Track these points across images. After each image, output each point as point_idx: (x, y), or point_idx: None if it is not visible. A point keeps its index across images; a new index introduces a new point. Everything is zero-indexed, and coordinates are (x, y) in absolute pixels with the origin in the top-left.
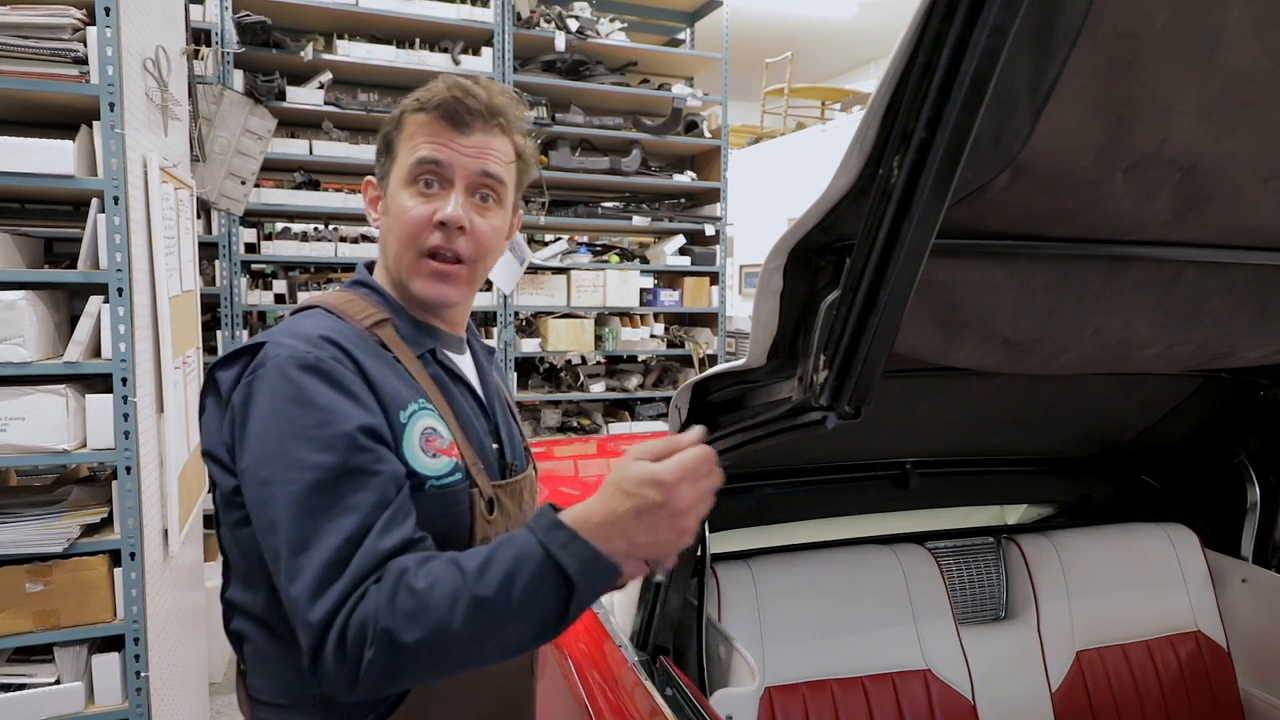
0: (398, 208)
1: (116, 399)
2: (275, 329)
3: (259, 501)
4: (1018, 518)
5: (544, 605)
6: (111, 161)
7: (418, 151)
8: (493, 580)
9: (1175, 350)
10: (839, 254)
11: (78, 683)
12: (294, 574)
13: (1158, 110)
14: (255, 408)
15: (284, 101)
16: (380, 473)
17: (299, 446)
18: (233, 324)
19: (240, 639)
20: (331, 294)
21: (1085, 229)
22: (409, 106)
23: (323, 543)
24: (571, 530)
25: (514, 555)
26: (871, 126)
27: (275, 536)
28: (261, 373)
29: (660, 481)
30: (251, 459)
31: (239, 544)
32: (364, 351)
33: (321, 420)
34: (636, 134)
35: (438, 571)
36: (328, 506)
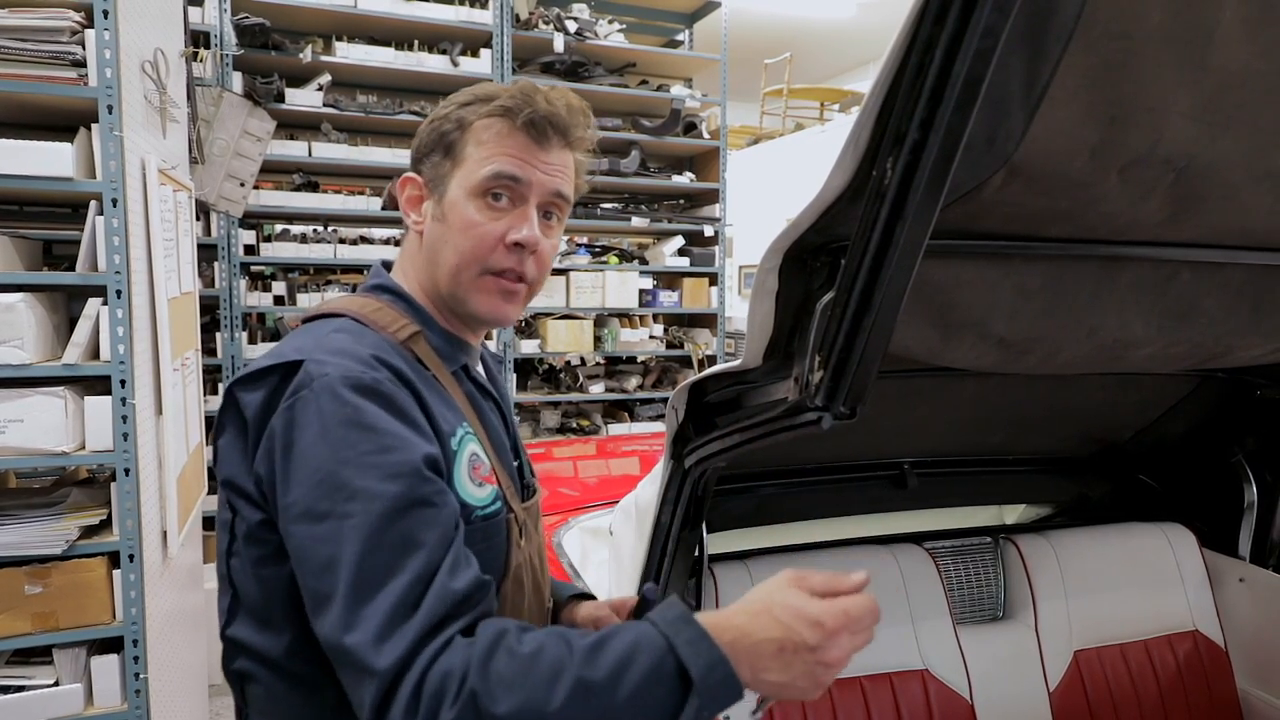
0: (463, 219)
1: (115, 401)
2: (307, 342)
3: (312, 538)
4: (1016, 518)
5: (654, 705)
6: (110, 164)
7: (494, 164)
8: (604, 664)
9: (1171, 350)
10: (834, 255)
11: (77, 684)
12: (355, 619)
13: (1151, 111)
14: (303, 433)
15: (283, 103)
16: (445, 506)
17: (362, 475)
18: (232, 326)
19: (244, 679)
20: (354, 299)
21: (1080, 229)
22: (486, 111)
23: (393, 582)
24: (702, 628)
25: (632, 641)
26: (865, 127)
27: (331, 577)
28: (305, 394)
29: (821, 624)
30: (301, 491)
31: (261, 582)
32: (415, 375)
33: (385, 446)
34: (635, 135)
35: (542, 640)
36: (397, 543)
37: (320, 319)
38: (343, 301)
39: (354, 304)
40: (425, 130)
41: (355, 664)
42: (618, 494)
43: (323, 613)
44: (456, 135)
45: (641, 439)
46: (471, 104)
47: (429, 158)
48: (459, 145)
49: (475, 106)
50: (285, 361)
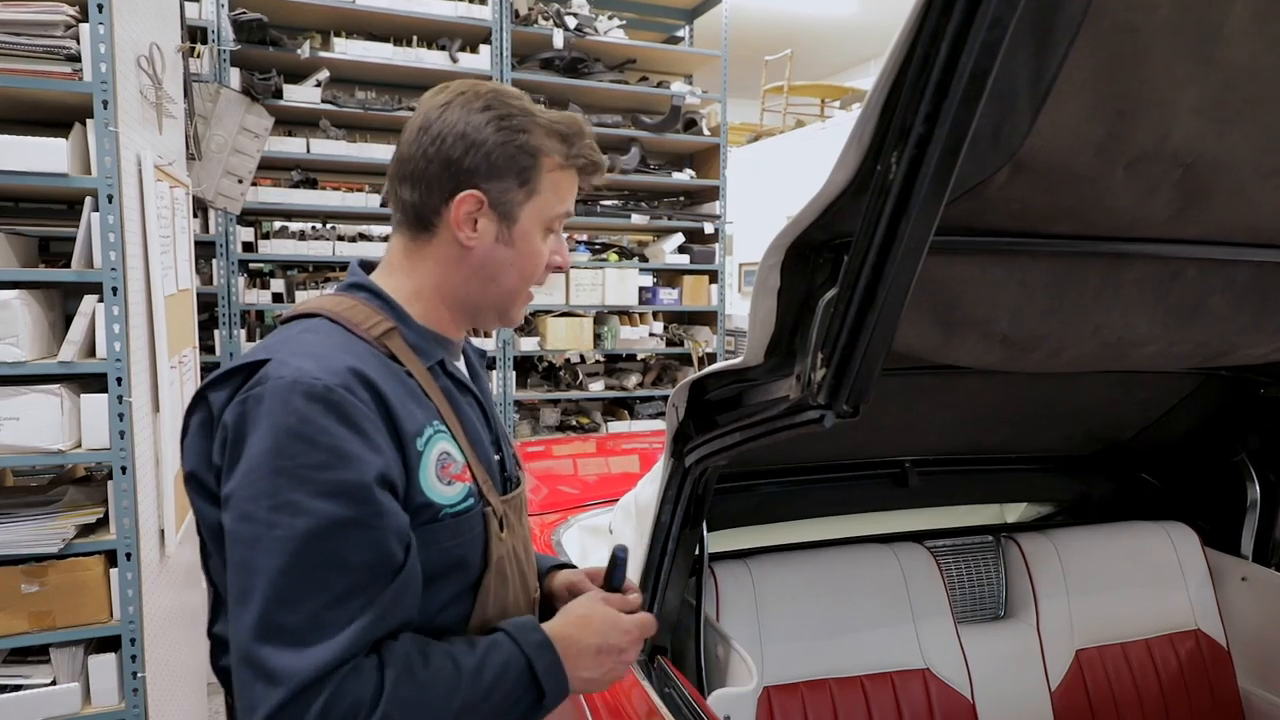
0: (533, 249)
1: (111, 399)
2: (276, 342)
3: (237, 536)
4: (1017, 516)
5: (519, 711)
6: (105, 160)
7: (565, 205)
8: (484, 684)
9: (1176, 348)
10: (837, 251)
11: (74, 683)
12: (268, 628)
13: (1159, 106)
14: (251, 432)
15: (281, 100)
16: (383, 529)
17: (294, 488)
18: (230, 323)
19: (229, 674)
20: (328, 298)
21: (1085, 226)
22: (567, 155)
23: (310, 600)
24: (555, 654)
25: (503, 663)
26: (869, 122)
27: (248, 579)
28: (259, 393)
29: (629, 632)
30: (238, 488)
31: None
32: (384, 375)
33: (323, 462)
34: (635, 132)
35: (437, 663)
36: (320, 562)
37: (296, 319)
38: (318, 301)
39: (328, 303)
40: (483, 146)
41: (258, 670)
42: (617, 492)
43: (238, 610)
44: (532, 168)
45: (641, 437)
46: (542, 138)
47: (498, 180)
48: (535, 178)
49: (551, 143)
50: (251, 361)
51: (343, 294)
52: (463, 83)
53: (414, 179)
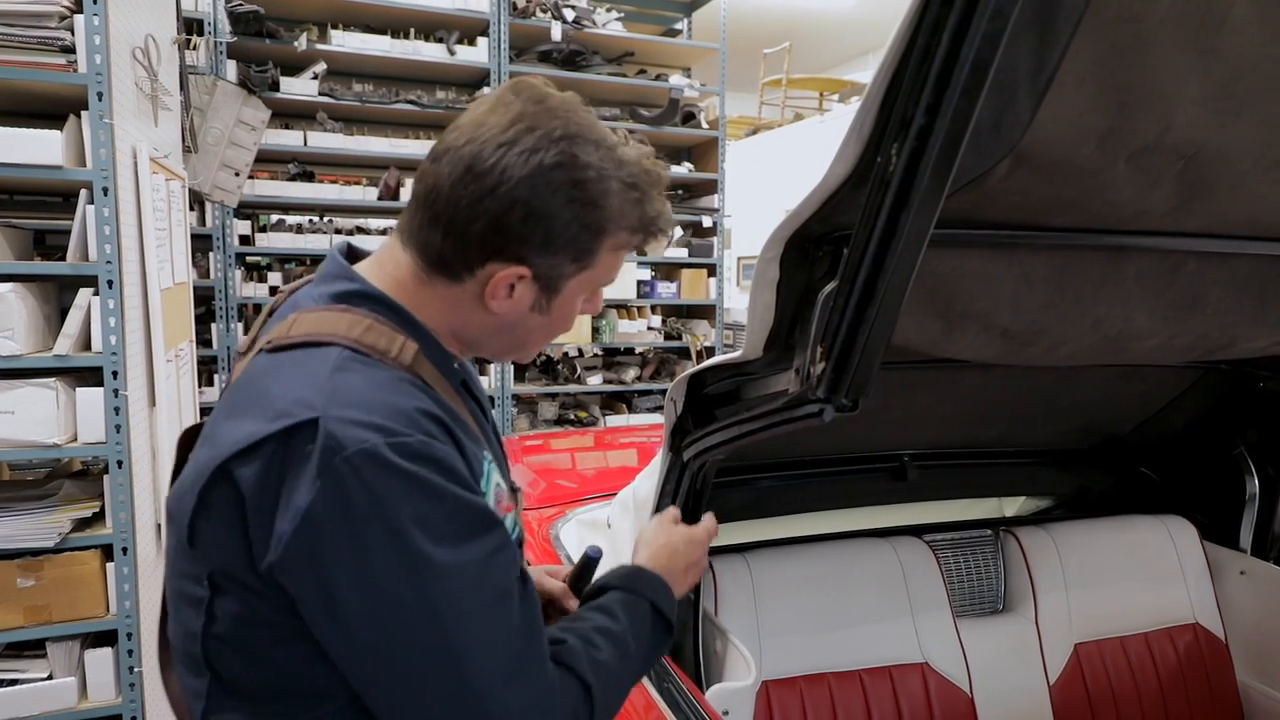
0: (568, 313)
1: (107, 392)
2: (298, 390)
3: (395, 626)
4: (1016, 510)
5: (658, 651)
6: (100, 152)
7: (615, 273)
8: (632, 641)
9: (1176, 341)
10: (836, 244)
11: (70, 678)
12: (484, 675)
13: (1161, 97)
14: (350, 515)
15: (278, 92)
16: (509, 535)
17: (442, 545)
18: (227, 317)
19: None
20: (333, 318)
21: (1086, 219)
22: (634, 229)
23: (508, 634)
24: (669, 587)
25: (639, 617)
26: (870, 113)
27: (439, 656)
28: (340, 466)
29: (703, 543)
30: (362, 581)
31: (266, 666)
32: (448, 414)
33: (453, 510)
34: (633, 125)
35: (601, 645)
36: (497, 599)
37: (296, 349)
38: (320, 322)
39: (338, 325)
40: (559, 224)
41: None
42: (616, 486)
43: (428, 690)
44: (594, 249)
45: (640, 430)
46: (619, 204)
47: (551, 256)
48: (594, 256)
49: (623, 216)
50: (291, 424)
51: (345, 308)
52: (529, 100)
53: (449, 226)
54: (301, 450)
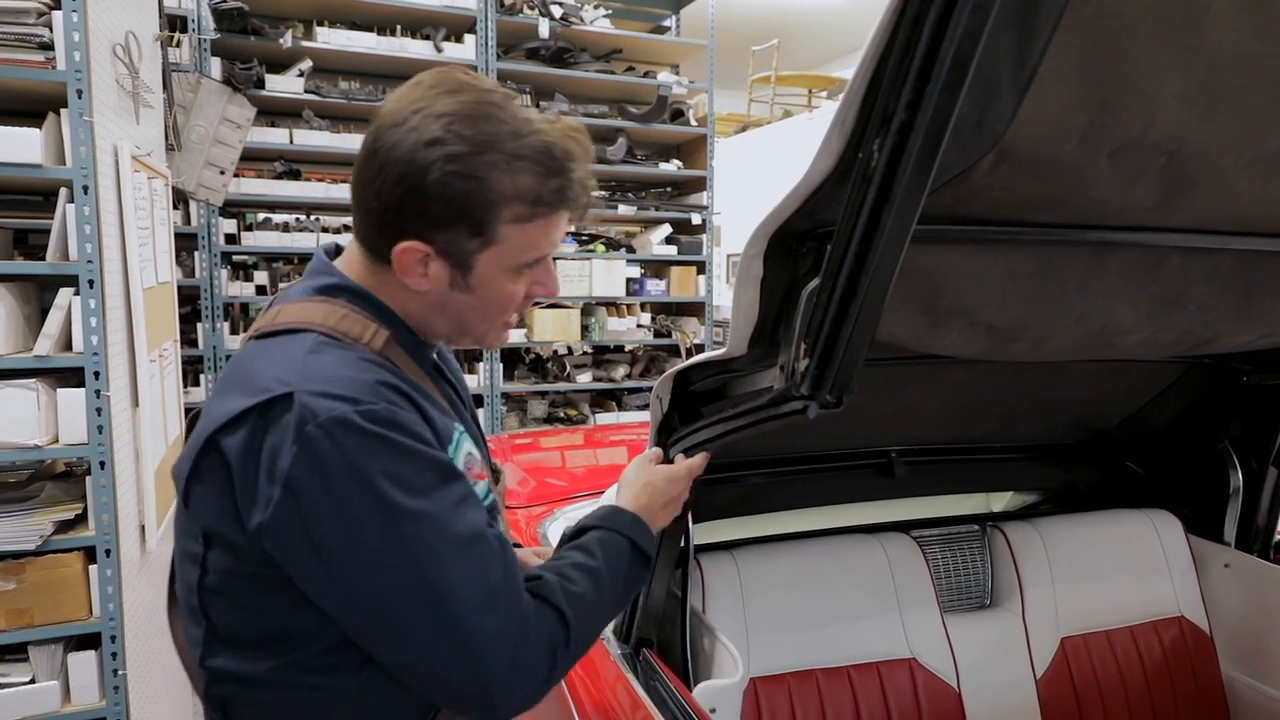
0: (496, 293)
1: (89, 393)
2: (274, 368)
3: (372, 569)
4: (1003, 505)
5: (635, 585)
6: (80, 150)
7: (537, 250)
8: (609, 576)
9: (1159, 336)
10: (820, 240)
11: (53, 682)
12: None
13: (1142, 93)
14: (330, 475)
15: (263, 90)
16: (475, 494)
17: (415, 496)
18: (213, 316)
19: (227, 702)
20: (311, 307)
21: (1069, 215)
22: (537, 198)
23: (482, 571)
24: (645, 524)
25: (616, 553)
26: (851, 108)
27: (409, 596)
28: (313, 433)
29: (683, 479)
30: (345, 533)
31: (255, 613)
32: (412, 388)
33: (422, 465)
34: (622, 122)
35: (578, 579)
36: (470, 540)
37: (278, 336)
38: (301, 312)
39: (315, 314)
40: (423, 195)
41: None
42: (605, 484)
43: (413, 628)
44: (487, 220)
45: (629, 428)
46: (500, 181)
47: (443, 230)
48: (491, 228)
49: (509, 189)
50: (268, 397)
51: (324, 299)
52: (432, 85)
53: (360, 210)
54: (279, 421)
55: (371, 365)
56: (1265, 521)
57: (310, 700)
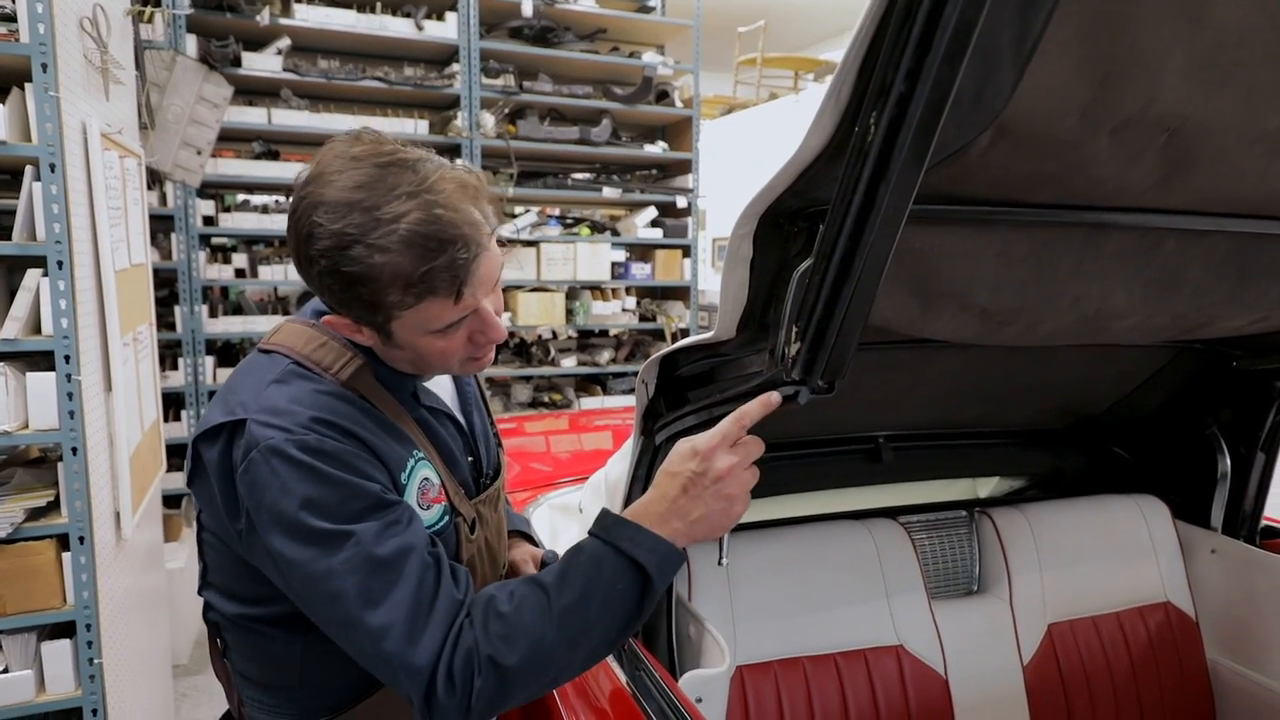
0: (426, 349)
1: (59, 377)
2: (243, 392)
3: (307, 582)
4: (989, 491)
5: (624, 600)
6: (46, 126)
7: (443, 320)
8: (574, 587)
9: (1153, 320)
10: (812, 220)
11: (27, 671)
12: (380, 633)
13: (1145, 68)
14: (265, 494)
15: (240, 68)
16: (413, 520)
17: (335, 521)
18: (191, 299)
19: (218, 627)
20: (296, 331)
21: (1067, 194)
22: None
23: (399, 593)
24: (634, 524)
25: (586, 560)
26: (847, 80)
27: (339, 607)
28: (255, 458)
29: (696, 451)
30: (282, 546)
31: (236, 573)
32: (355, 419)
33: (345, 495)
34: (606, 103)
35: (521, 593)
36: (389, 563)
37: (270, 354)
38: (288, 335)
39: (298, 340)
40: (320, 272)
41: (395, 667)
42: (590, 469)
43: (349, 635)
44: (374, 299)
45: (614, 413)
46: (374, 270)
47: (346, 309)
48: (383, 307)
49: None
50: (231, 420)
51: (312, 325)
52: (335, 156)
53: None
54: (239, 442)
55: (322, 397)
56: (1252, 507)
57: (273, 647)
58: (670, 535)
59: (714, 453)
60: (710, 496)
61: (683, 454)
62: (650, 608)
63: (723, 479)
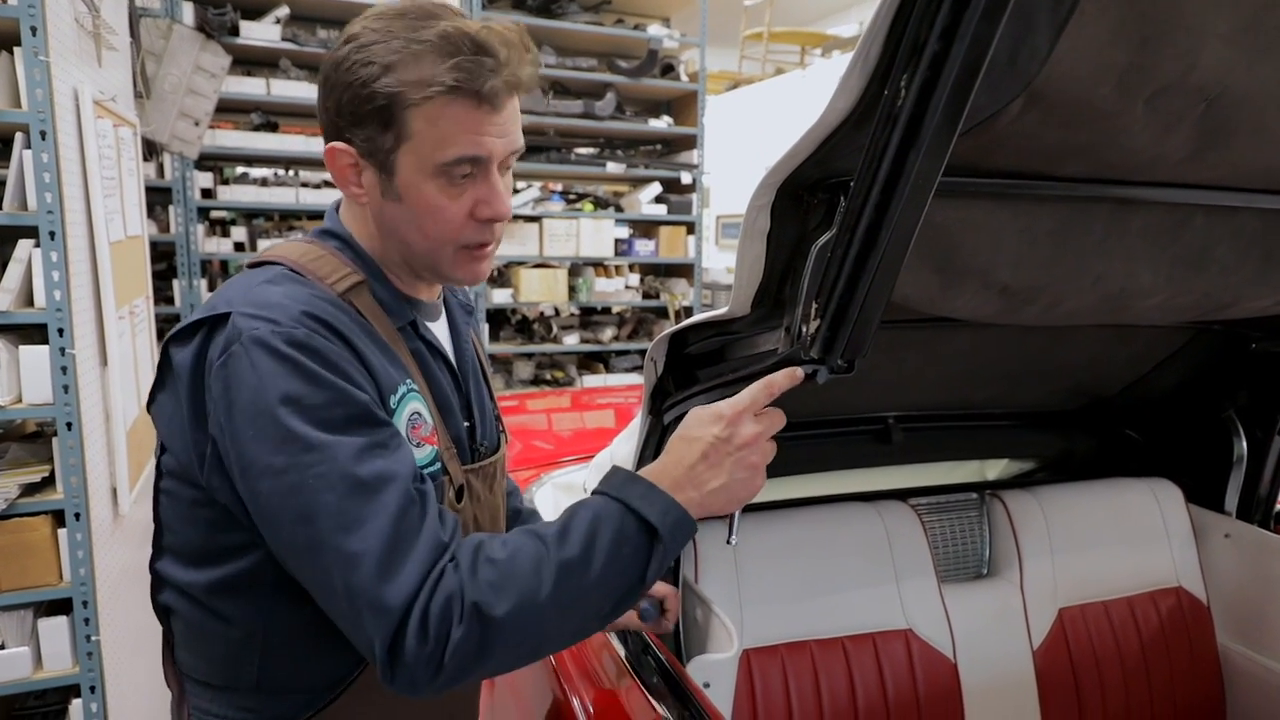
0: (425, 203)
1: (53, 350)
2: (230, 291)
3: (278, 493)
4: (998, 473)
5: (629, 563)
6: (36, 92)
7: (455, 147)
8: (575, 542)
9: (1177, 300)
10: (833, 191)
11: (24, 648)
12: (350, 561)
13: (1187, 31)
14: (242, 390)
15: (238, 37)
16: (400, 446)
17: (313, 425)
18: (189, 273)
19: (169, 612)
20: (295, 246)
21: (1096, 167)
22: (431, 92)
23: (376, 522)
24: (647, 481)
25: (592, 516)
26: (876, 40)
27: (310, 528)
28: (236, 350)
29: (721, 416)
30: (255, 449)
31: (191, 523)
32: (348, 325)
33: (332, 399)
34: (611, 76)
35: (516, 541)
36: (369, 486)
37: (257, 267)
38: (283, 248)
39: (294, 251)
40: (341, 90)
41: (364, 603)
42: (593, 448)
43: (312, 561)
44: (389, 106)
45: (617, 391)
46: (402, 65)
47: (359, 128)
48: (406, 121)
49: (410, 73)
50: (212, 315)
51: (313, 241)
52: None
53: (319, 101)
54: (216, 337)
55: (315, 299)
56: (1268, 491)
57: (234, 636)
58: (684, 504)
59: (740, 418)
60: (732, 465)
61: (703, 419)
62: (654, 579)
63: (747, 446)
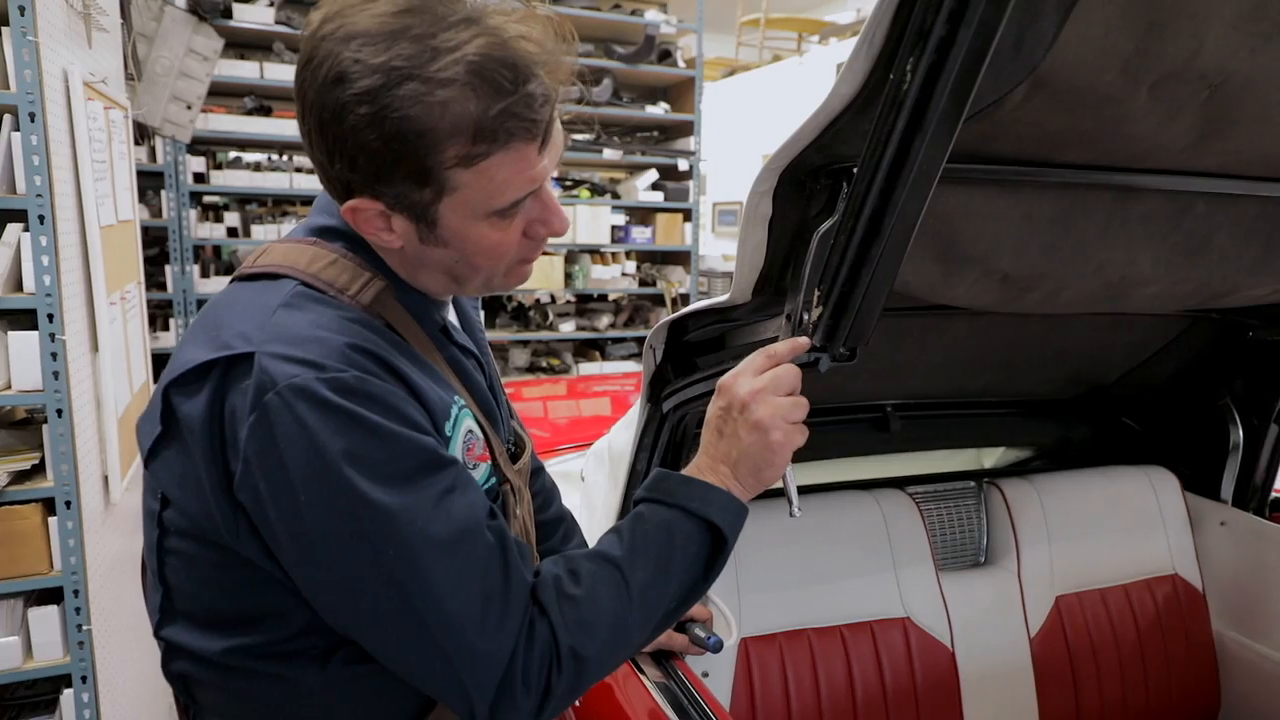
0: (477, 244)
1: (43, 336)
2: (238, 319)
3: (347, 563)
4: (995, 461)
5: (694, 567)
6: (25, 73)
7: (510, 191)
8: (648, 560)
9: (1177, 288)
10: (835, 177)
11: (13, 637)
12: (445, 627)
13: (1192, 17)
14: (290, 452)
15: (230, 20)
16: (471, 485)
17: (385, 486)
18: (182, 259)
19: (188, 681)
20: (298, 249)
21: (1098, 154)
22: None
23: (464, 581)
24: (699, 482)
25: (656, 528)
26: (882, 24)
27: (393, 595)
28: (274, 402)
29: (720, 387)
30: (314, 517)
31: (223, 586)
32: (392, 354)
33: (397, 451)
34: (608, 63)
35: (588, 570)
36: (452, 544)
37: (258, 280)
38: (286, 254)
39: (300, 257)
40: (348, 145)
41: (461, 670)
42: (589, 436)
43: (400, 635)
44: (427, 161)
45: (613, 379)
46: (428, 115)
47: (386, 184)
48: (441, 180)
49: (442, 127)
50: (229, 355)
51: (316, 242)
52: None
53: (308, 147)
54: (239, 385)
55: (351, 324)
56: (1263, 479)
57: (273, 690)
58: (722, 485)
59: (735, 380)
60: (741, 428)
61: (733, 387)
62: (718, 573)
63: (748, 405)
